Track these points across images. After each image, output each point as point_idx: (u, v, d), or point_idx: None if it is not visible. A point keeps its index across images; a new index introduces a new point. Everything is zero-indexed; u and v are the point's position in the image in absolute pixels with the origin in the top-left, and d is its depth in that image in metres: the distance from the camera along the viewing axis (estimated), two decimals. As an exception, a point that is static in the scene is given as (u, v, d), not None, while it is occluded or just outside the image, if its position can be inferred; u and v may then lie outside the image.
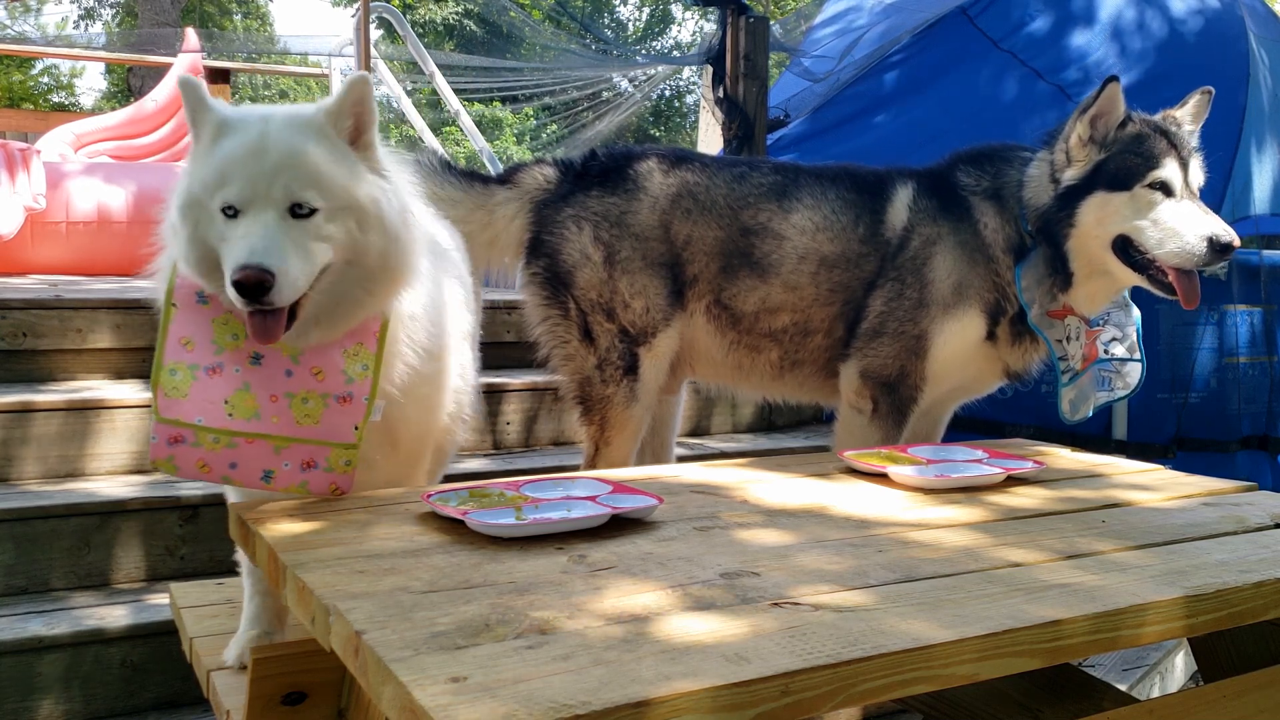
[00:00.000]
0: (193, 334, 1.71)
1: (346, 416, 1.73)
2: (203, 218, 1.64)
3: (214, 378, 1.69)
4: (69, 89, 23.77)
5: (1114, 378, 2.67)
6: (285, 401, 1.71)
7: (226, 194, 1.61)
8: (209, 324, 1.71)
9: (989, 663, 1.28)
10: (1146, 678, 2.96)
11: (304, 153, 1.64)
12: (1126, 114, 2.50)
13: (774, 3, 20.53)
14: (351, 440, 1.73)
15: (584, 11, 23.86)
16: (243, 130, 1.65)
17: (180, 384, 1.69)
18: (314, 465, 1.73)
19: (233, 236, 1.60)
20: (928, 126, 4.40)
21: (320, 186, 1.64)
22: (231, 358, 1.70)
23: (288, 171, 1.62)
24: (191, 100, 1.68)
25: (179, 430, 1.69)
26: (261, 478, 1.72)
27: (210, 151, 1.65)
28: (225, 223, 1.62)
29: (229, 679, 1.84)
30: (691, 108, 23.81)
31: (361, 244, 1.68)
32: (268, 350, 1.69)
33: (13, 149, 4.54)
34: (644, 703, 1.05)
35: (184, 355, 1.70)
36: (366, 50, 5.91)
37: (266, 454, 1.71)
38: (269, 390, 1.70)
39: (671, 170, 2.77)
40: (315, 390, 1.71)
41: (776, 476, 2.07)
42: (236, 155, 1.62)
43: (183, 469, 1.71)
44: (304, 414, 1.71)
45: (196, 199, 1.65)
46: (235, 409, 1.69)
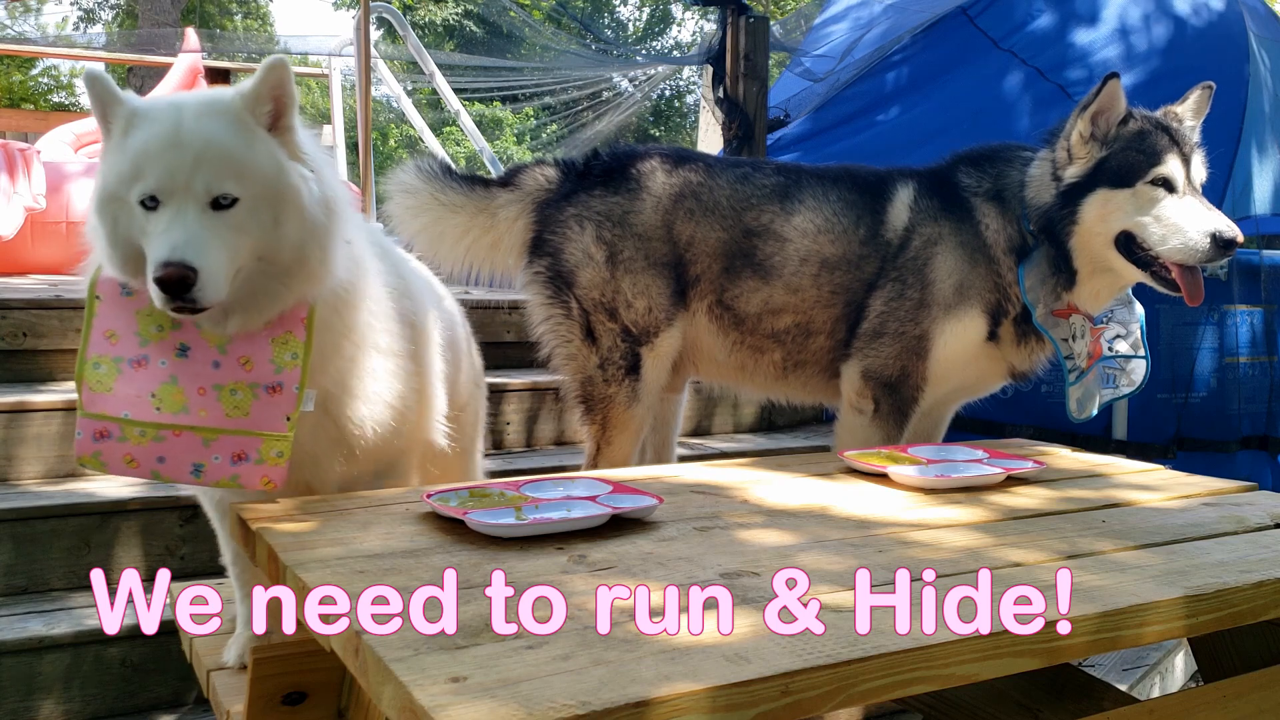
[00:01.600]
0: (117, 326, 1.66)
1: (277, 407, 1.67)
2: (121, 213, 1.60)
3: (139, 370, 1.65)
4: (69, 89, 23.78)
5: (1118, 375, 2.67)
6: (214, 394, 1.66)
7: (144, 186, 1.56)
8: (133, 316, 1.66)
9: (989, 663, 1.28)
10: (1146, 678, 2.96)
11: (223, 141, 1.59)
12: (1127, 111, 2.50)
13: (774, 3, 20.53)
14: (283, 430, 1.67)
15: (584, 11, 23.86)
16: (156, 120, 1.59)
17: (105, 378, 1.64)
18: (245, 458, 1.67)
19: (153, 231, 1.56)
20: (928, 126, 4.41)
21: (241, 176, 1.59)
22: (157, 350, 1.66)
23: (207, 162, 1.57)
24: (99, 92, 1.61)
25: (105, 425, 1.64)
26: (191, 472, 1.67)
27: (123, 144, 1.60)
28: (145, 215, 1.57)
29: (229, 679, 1.84)
30: (691, 108, 23.81)
31: (274, 237, 1.63)
32: (195, 341, 1.65)
33: (13, 149, 4.53)
34: (644, 703, 1.05)
35: (108, 348, 1.65)
36: (366, 50, 5.90)
37: (195, 447, 1.66)
38: (196, 383, 1.66)
39: (674, 170, 2.77)
40: (244, 380, 1.67)
41: (777, 476, 2.07)
42: (152, 147, 1.57)
43: (110, 465, 1.66)
44: (233, 405, 1.66)
45: (113, 193, 1.60)
46: (163, 402, 1.64)
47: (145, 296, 1.62)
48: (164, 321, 1.65)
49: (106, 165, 1.61)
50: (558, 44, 7.82)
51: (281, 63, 1.63)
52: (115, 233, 1.61)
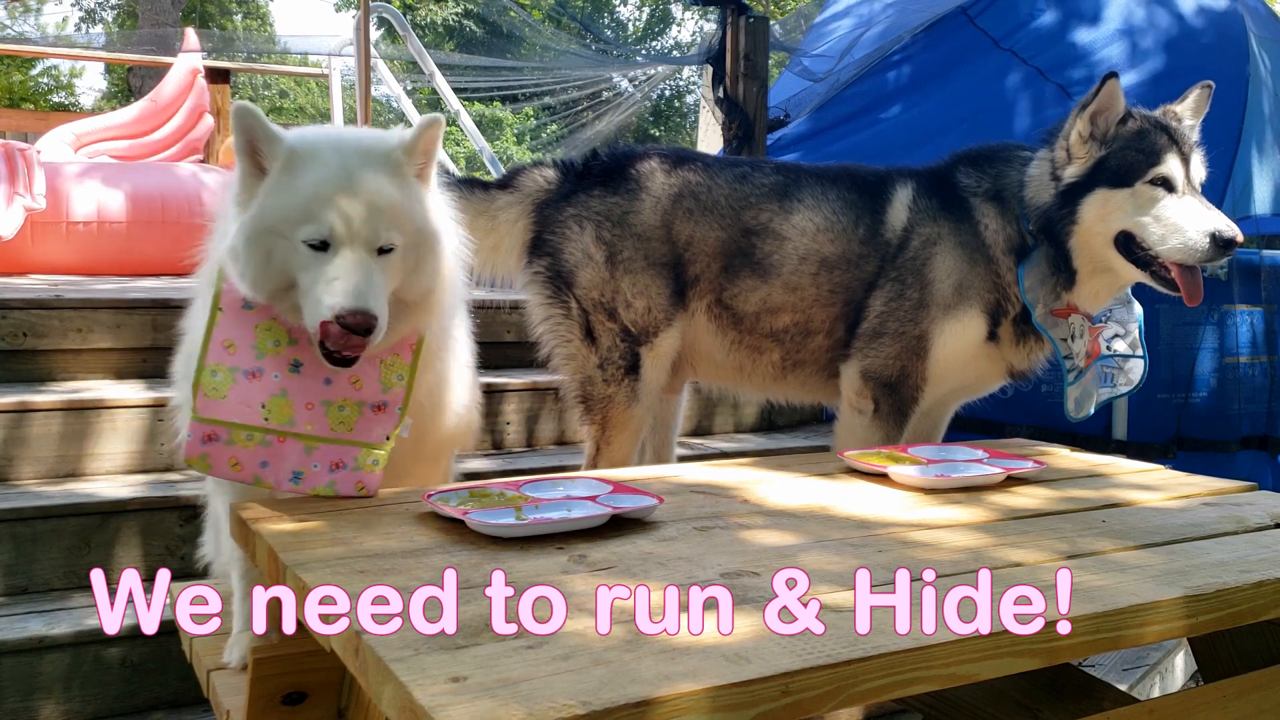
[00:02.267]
0: (235, 337, 1.73)
1: (380, 425, 1.77)
2: (278, 246, 1.67)
3: (253, 381, 1.71)
4: (69, 89, 23.77)
5: (1116, 374, 2.67)
6: (321, 409, 1.74)
7: (316, 230, 1.64)
8: (252, 329, 1.73)
9: (989, 663, 1.28)
10: (1146, 678, 2.96)
11: (390, 192, 1.69)
12: (1127, 110, 2.49)
13: (774, 3, 20.53)
14: (381, 444, 1.77)
15: (584, 11, 23.86)
16: (325, 163, 1.67)
17: (220, 385, 1.71)
18: (342, 466, 1.76)
19: (326, 274, 1.64)
20: (928, 126, 4.40)
21: (401, 226, 1.70)
22: (272, 363, 1.73)
23: (378, 212, 1.66)
24: (249, 125, 1.67)
25: (214, 428, 1.70)
26: (290, 479, 1.74)
27: (288, 183, 1.66)
28: (311, 255, 1.65)
29: (229, 679, 1.84)
30: (691, 108, 23.81)
31: (412, 280, 1.74)
32: (308, 359, 1.73)
33: (13, 149, 4.54)
34: (644, 703, 1.05)
35: (225, 358, 1.72)
36: (366, 50, 5.91)
37: (298, 454, 1.74)
38: (305, 398, 1.73)
39: (673, 170, 2.77)
40: (352, 399, 1.75)
41: (777, 476, 2.07)
42: (324, 193, 1.65)
43: (215, 467, 1.73)
44: (339, 421, 1.74)
45: (273, 229, 1.66)
46: (271, 413, 1.71)
47: (265, 311, 1.72)
48: (281, 337, 1.73)
49: (267, 200, 1.67)
50: (557, 44, 7.82)
51: (438, 121, 1.75)
52: (268, 263, 1.67)
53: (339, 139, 1.74)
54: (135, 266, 4.70)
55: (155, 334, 3.42)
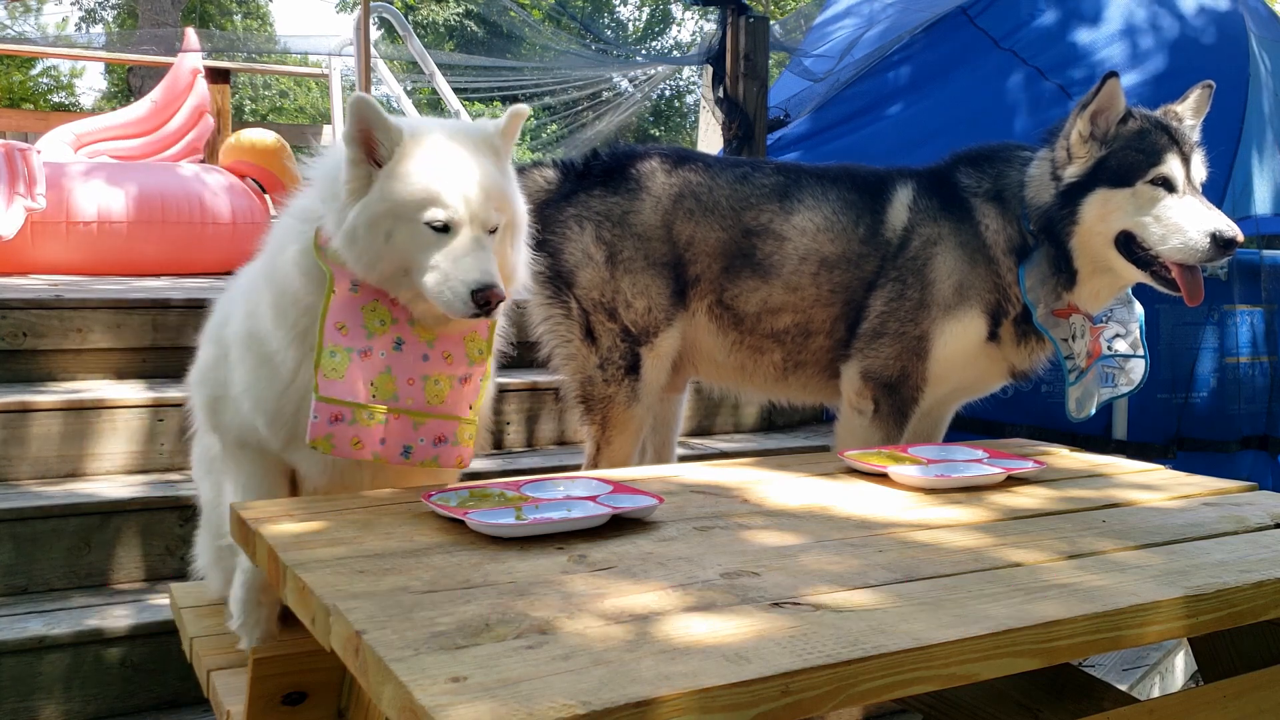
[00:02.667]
0: (346, 320, 1.80)
1: (465, 396, 1.89)
2: (400, 229, 1.76)
3: (365, 360, 1.80)
4: (69, 89, 23.78)
5: (1117, 374, 2.67)
6: (421, 384, 1.84)
7: (441, 213, 1.75)
8: (359, 311, 1.81)
9: (989, 663, 1.28)
10: (1146, 678, 2.96)
11: (497, 177, 1.82)
12: (1127, 110, 2.49)
13: (774, 3, 20.53)
14: (468, 416, 1.89)
15: (584, 11, 23.86)
16: (440, 149, 1.78)
17: (339, 365, 1.78)
18: (444, 440, 1.86)
19: (452, 253, 1.74)
20: (929, 126, 4.40)
21: (504, 208, 1.83)
22: (379, 342, 1.82)
23: (491, 196, 1.79)
24: (367, 116, 1.75)
25: (339, 409, 1.78)
26: (402, 453, 1.83)
27: (411, 169, 1.76)
28: (434, 236, 1.76)
29: (229, 679, 1.84)
30: (691, 108, 23.81)
31: (505, 256, 1.86)
32: (408, 337, 1.84)
33: (13, 149, 4.54)
34: (644, 703, 1.05)
35: (340, 339, 1.79)
36: (366, 50, 5.91)
37: (408, 430, 1.83)
38: (407, 374, 1.83)
39: (674, 170, 2.77)
40: (445, 373, 1.86)
41: (777, 476, 2.07)
42: (447, 176, 1.76)
43: (339, 446, 1.79)
44: (434, 394, 1.85)
45: (395, 213, 1.76)
46: (378, 390, 1.81)
47: (369, 293, 1.81)
48: (385, 317, 1.83)
49: (388, 185, 1.76)
50: (558, 44, 7.82)
51: (524, 111, 1.88)
52: (387, 244, 1.77)
53: (450, 128, 1.85)
54: (135, 267, 4.70)
55: (155, 334, 3.42)
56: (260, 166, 5.45)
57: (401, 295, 1.82)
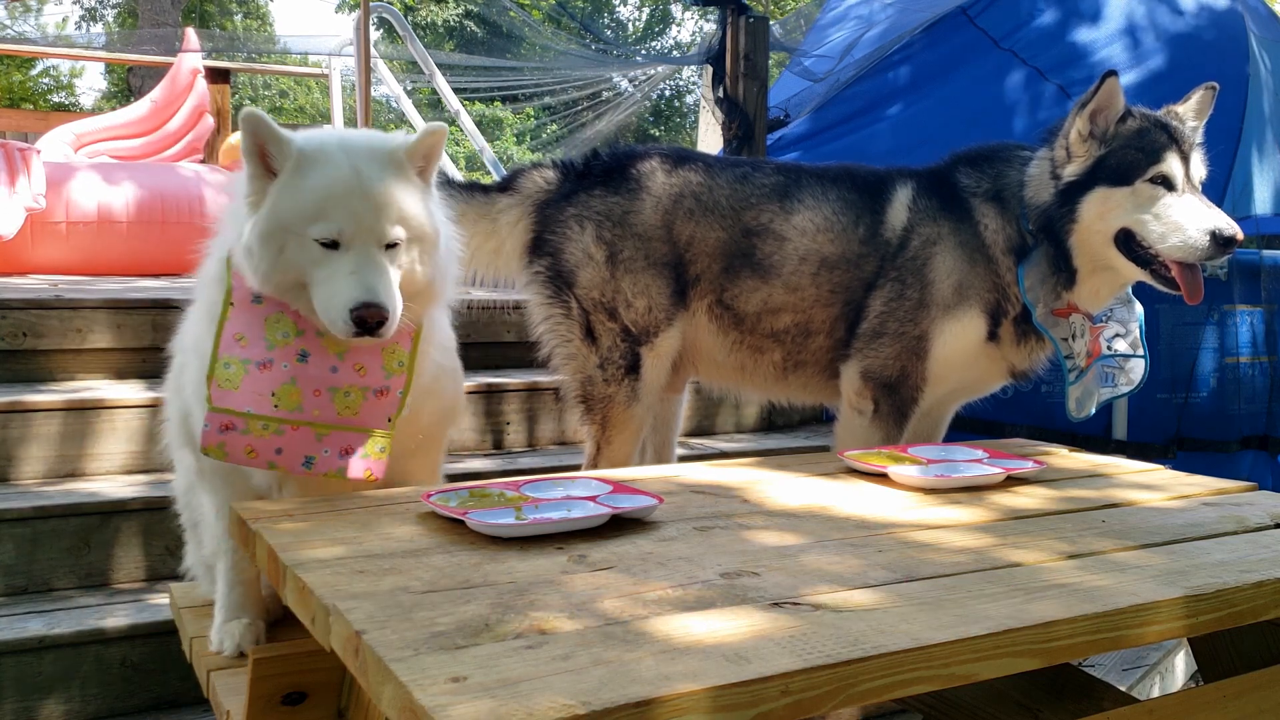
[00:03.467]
0: (246, 331, 1.80)
1: (382, 409, 1.85)
2: (290, 244, 1.74)
3: (264, 372, 1.78)
4: (69, 89, 23.77)
5: (1117, 374, 2.67)
6: (328, 395, 1.81)
7: (328, 228, 1.72)
8: (262, 322, 1.80)
9: (989, 663, 1.28)
10: (1146, 678, 2.96)
11: (396, 191, 1.78)
12: (1126, 108, 2.49)
13: (774, 3, 20.53)
14: (386, 429, 1.85)
15: (584, 11, 23.86)
16: (332, 164, 1.75)
17: (233, 376, 1.77)
18: (351, 452, 1.83)
19: (338, 270, 1.72)
20: (929, 126, 4.40)
21: (406, 223, 1.79)
22: (281, 354, 1.80)
23: (385, 209, 1.75)
24: (259, 130, 1.73)
25: (230, 418, 1.77)
26: (303, 464, 1.81)
27: (299, 184, 1.73)
28: (322, 252, 1.73)
29: (229, 679, 1.84)
30: (691, 108, 23.81)
31: (414, 272, 1.83)
32: (315, 349, 1.81)
33: (13, 149, 4.54)
34: (644, 703, 1.05)
35: (237, 350, 1.78)
36: (366, 50, 5.91)
37: (309, 441, 1.80)
38: (313, 385, 1.80)
39: (674, 170, 2.77)
40: (357, 384, 1.82)
41: (777, 476, 2.07)
42: (336, 191, 1.73)
43: (231, 454, 1.79)
44: (345, 406, 1.82)
45: (286, 226, 1.73)
46: (280, 401, 1.78)
47: (272, 305, 1.79)
48: (289, 329, 1.81)
49: (279, 200, 1.74)
50: (558, 44, 7.82)
51: (442, 129, 1.85)
52: (280, 259, 1.75)
53: (345, 141, 1.80)
54: (135, 266, 4.70)
55: (155, 334, 3.42)
56: (260, 166, 5.43)
57: (301, 308, 1.80)
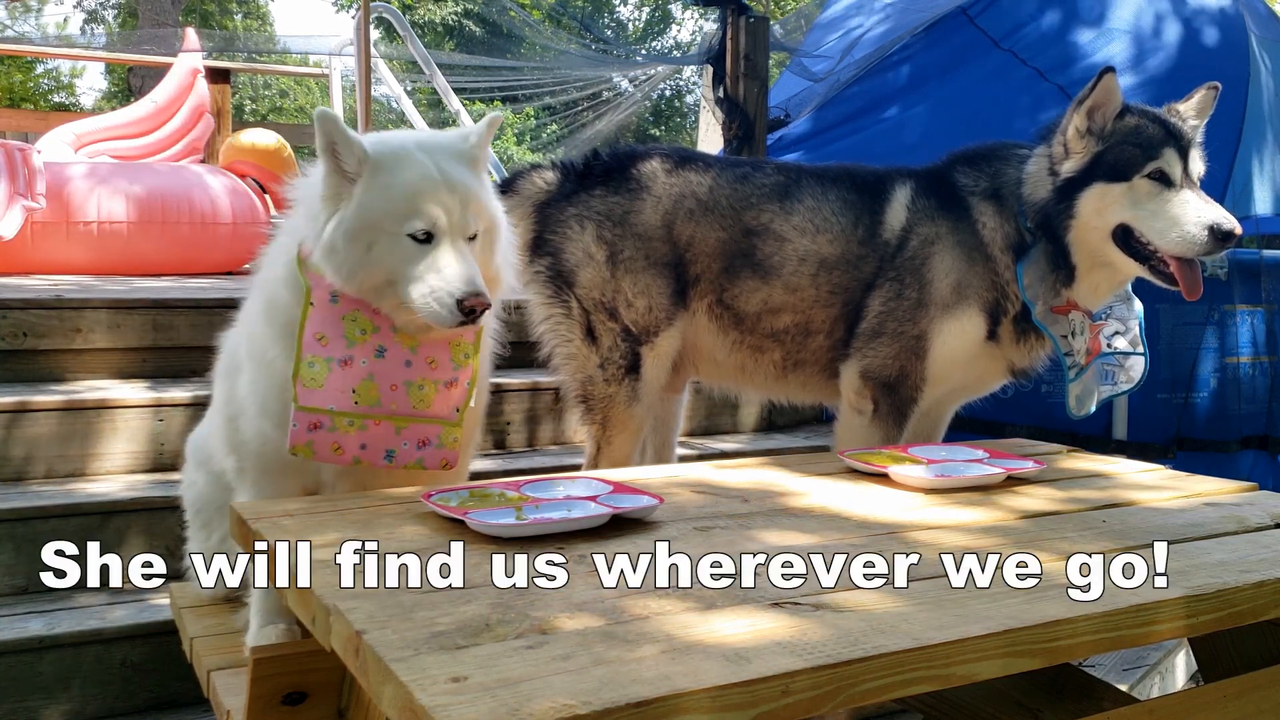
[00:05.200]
0: (326, 330, 1.84)
1: (451, 400, 1.92)
2: (380, 241, 1.80)
3: (346, 369, 1.84)
4: (69, 89, 23.78)
5: (1117, 371, 2.67)
6: (404, 389, 1.87)
7: (420, 223, 1.79)
8: (340, 320, 1.85)
9: (989, 663, 1.28)
10: (1146, 678, 2.96)
11: (474, 184, 1.86)
12: (1124, 105, 2.49)
13: (774, 3, 20.53)
14: (455, 420, 1.92)
15: (584, 11, 23.86)
16: (416, 163, 1.81)
17: (318, 375, 1.83)
18: (428, 443, 1.90)
19: (436, 263, 1.79)
20: (929, 126, 4.40)
21: (482, 214, 1.87)
22: (360, 351, 1.85)
23: (469, 204, 1.83)
24: (332, 130, 1.78)
25: (317, 417, 1.82)
26: (384, 457, 1.88)
27: (387, 183, 1.79)
28: (416, 248, 1.80)
29: (229, 679, 1.84)
30: (691, 108, 23.81)
31: (487, 262, 1.90)
32: (390, 344, 1.87)
33: (13, 149, 4.53)
34: (644, 703, 1.05)
35: (319, 349, 1.83)
36: (366, 50, 5.91)
37: (389, 434, 1.87)
38: (389, 380, 1.86)
39: (675, 170, 2.77)
40: (429, 378, 1.89)
41: (778, 476, 2.07)
42: (427, 188, 1.79)
43: (319, 453, 1.84)
44: (419, 399, 1.88)
45: (376, 225, 1.79)
46: (361, 397, 1.84)
47: (349, 303, 1.84)
48: (366, 326, 1.86)
49: (367, 199, 1.79)
50: (558, 44, 7.82)
51: (499, 119, 1.94)
52: (367, 256, 1.80)
53: (422, 141, 1.88)
54: (136, 267, 4.70)
55: (155, 334, 3.42)
56: (260, 166, 5.45)
57: (384, 305, 1.85)
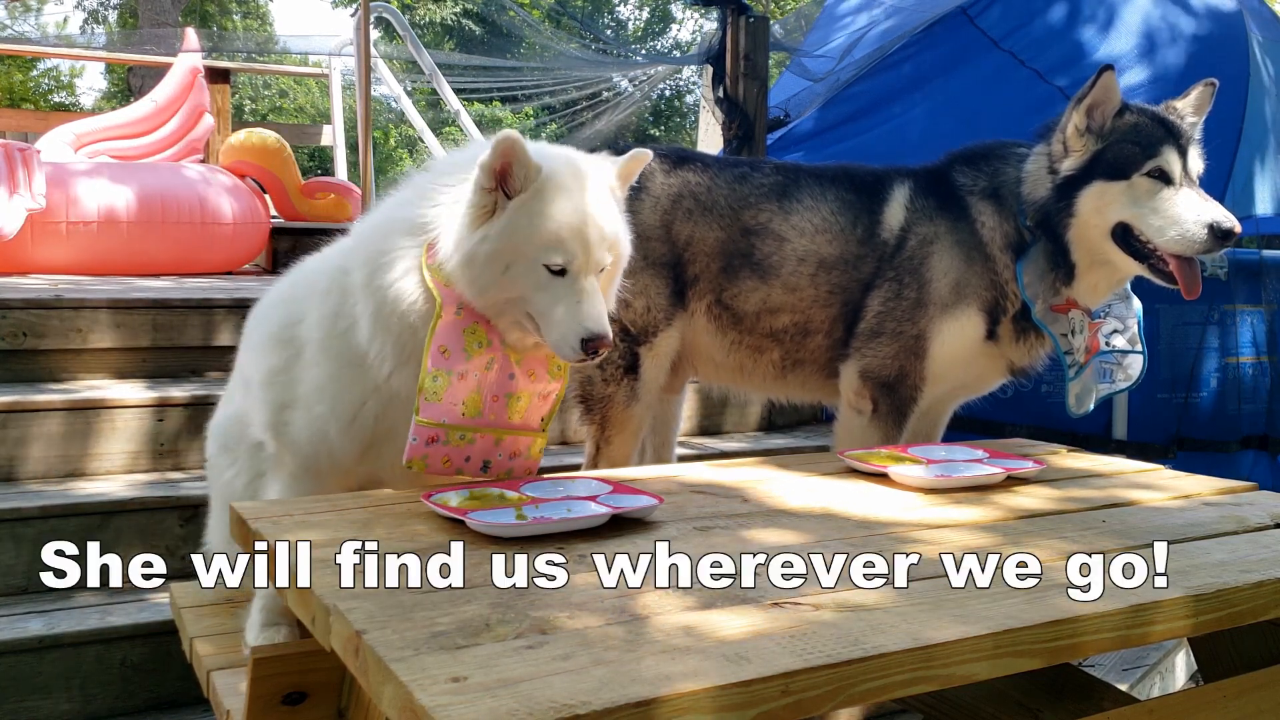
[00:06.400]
0: (449, 343, 1.83)
1: (540, 411, 1.94)
2: (517, 264, 1.77)
3: (461, 382, 1.83)
4: (69, 89, 23.78)
5: (1115, 369, 2.67)
6: (504, 401, 1.88)
7: (561, 256, 1.77)
8: (461, 334, 1.83)
9: (989, 663, 1.28)
10: (1146, 678, 2.96)
11: (615, 221, 1.86)
12: (1123, 103, 2.49)
13: (774, 3, 20.53)
14: (541, 430, 1.95)
15: (584, 11, 23.86)
16: (569, 192, 1.79)
17: (439, 389, 1.82)
18: (519, 454, 1.92)
19: (565, 297, 1.77)
20: (930, 126, 4.40)
21: (615, 249, 1.86)
22: (474, 364, 1.84)
23: (606, 241, 1.82)
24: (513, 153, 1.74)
25: (434, 430, 1.82)
26: (481, 468, 1.89)
27: (539, 210, 1.76)
28: (549, 277, 1.78)
29: (229, 679, 1.84)
30: (691, 108, 23.80)
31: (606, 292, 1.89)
32: (500, 358, 1.87)
33: (13, 149, 4.53)
34: (644, 703, 1.05)
35: (442, 362, 1.82)
36: (366, 50, 5.91)
37: (490, 446, 1.89)
38: (492, 391, 1.87)
39: (673, 170, 2.77)
40: (527, 390, 1.91)
41: (777, 476, 2.07)
42: (574, 222, 1.77)
43: (431, 466, 1.84)
44: (515, 410, 1.90)
45: (517, 249, 1.77)
46: (466, 409, 1.84)
47: (470, 316, 1.82)
48: (483, 339, 1.85)
49: (515, 221, 1.76)
50: (557, 43, 7.82)
51: (646, 155, 1.95)
52: (502, 277, 1.78)
53: (576, 166, 1.85)
54: (136, 267, 4.70)
55: (155, 334, 3.42)
56: (260, 166, 5.45)
57: (501, 322, 1.84)
